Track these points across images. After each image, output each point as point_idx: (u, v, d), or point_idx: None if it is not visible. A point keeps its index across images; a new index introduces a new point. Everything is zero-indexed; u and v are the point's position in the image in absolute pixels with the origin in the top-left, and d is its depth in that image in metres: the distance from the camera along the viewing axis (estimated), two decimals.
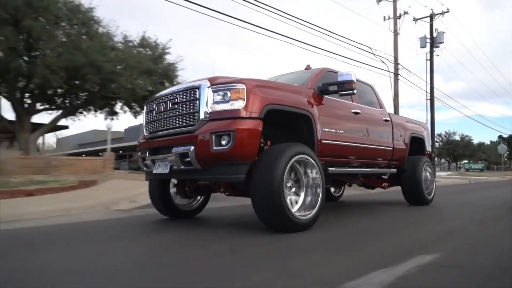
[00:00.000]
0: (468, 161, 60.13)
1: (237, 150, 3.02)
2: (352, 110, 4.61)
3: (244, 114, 3.11)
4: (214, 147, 3.06)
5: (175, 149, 3.27)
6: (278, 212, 3.05)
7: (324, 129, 3.96)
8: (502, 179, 22.24)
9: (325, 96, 4.16)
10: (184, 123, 3.35)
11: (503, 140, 69.21)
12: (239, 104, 3.13)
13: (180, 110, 3.41)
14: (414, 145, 6.16)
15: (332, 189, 6.80)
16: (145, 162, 3.77)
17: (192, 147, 3.12)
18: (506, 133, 61.28)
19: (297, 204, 3.34)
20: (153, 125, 3.76)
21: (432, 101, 20.86)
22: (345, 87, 3.99)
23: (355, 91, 4.11)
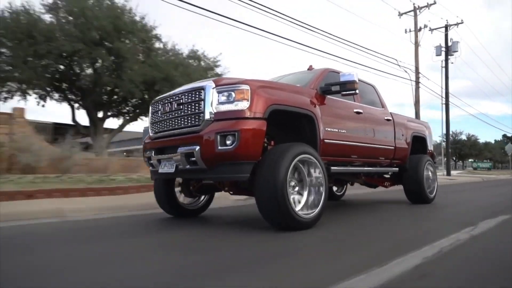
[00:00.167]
0: (474, 160, 60.24)
1: (241, 150, 3.08)
2: (354, 110, 4.66)
3: (248, 114, 3.17)
4: (219, 147, 3.11)
5: (180, 149, 3.33)
6: (281, 211, 3.10)
7: (326, 128, 4.01)
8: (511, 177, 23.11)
9: (328, 96, 4.21)
10: (190, 124, 3.40)
11: (507, 139, 69.12)
12: (243, 105, 3.18)
13: (186, 111, 3.46)
14: (416, 144, 6.20)
15: (335, 188, 6.86)
16: (151, 162, 3.84)
17: (198, 147, 3.18)
18: (509, 132, 61.20)
19: (301, 203, 3.39)
20: (159, 126, 3.82)
21: (447, 105, 22.26)
22: (347, 87, 4.04)
23: (357, 91, 4.16)
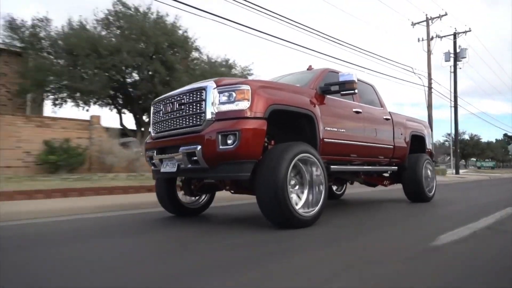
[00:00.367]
0: (476, 159, 60.52)
1: (242, 149, 3.12)
2: (354, 110, 4.71)
3: (249, 114, 3.21)
4: (220, 146, 3.16)
5: (182, 148, 3.37)
6: (282, 209, 3.15)
7: (326, 128, 4.06)
8: None
9: (327, 96, 4.25)
10: (191, 123, 3.45)
11: (508, 138, 69.37)
12: (244, 105, 3.23)
13: (187, 111, 3.51)
14: (415, 143, 6.25)
15: (334, 187, 6.91)
16: (152, 161, 3.88)
17: (199, 146, 3.22)
18: (510, 131, 61.41)
19: (301, 201, 3.44)
20: (160, 125, 3.86)
21: (456, 108, 23.92)
22: (347, 87, 4.08)
23: (356, 91, 4.21)
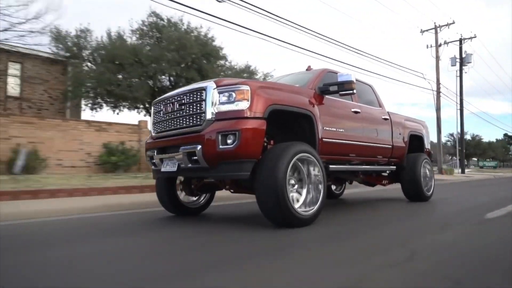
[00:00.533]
0: (478, 159, 60.83)
1: (242, 149, 3.15)
2: (352, 110, 4.75)
3: (248, 114, 3.24)
4: (220, 146, 3.19)
5: (182, 148, 3.40)
6: (281, 208, 3.18)
7: (325, 128, 4.09)
8: None
9: (326, 96, 4.29)
10: (191, 123, 3.48)
11: (508, 138, 69.60)
12: (243, 105, 3.26)
13: (187, 111, 3.54)
14: (413, 143, 6.30)
15: (333, 187, 6.95)
16: (153, 161, 3.91)
17: (199, 146, 3.26)
18: (510, 131, 61.59)
19: (300, 200, 3.47)
20: (161, 125, 3.90)
21: (462, 111, 25.25)
22: (345, 87, 4.12)
23: (354, 91, 4.24)
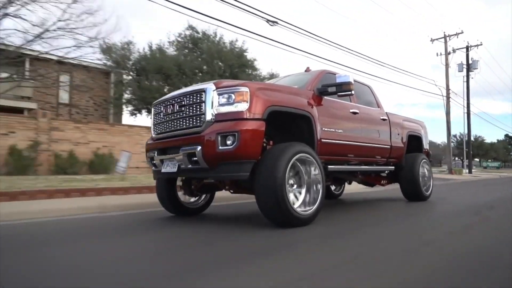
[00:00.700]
0: (480, 159, 61.23)
1: (241, 149, 3.19)
2: (351, 110, 4.79)
3: (247, 115, 3.28)
4: (220, 147, 3.23)
5: (183, 149, 3.44)
6: (280, 208, 3.22)
7: (323, 128, 4.13)
8: None
9: (325, 97, 4.33)
10: (191, 125, 3.52)
11: (509, 139, 69.91)
12: (243, 106, 3.30)
13: (187, 112, 3.58)
14: (412, 143, 6.33)
15: (333, 187, 6.99)
16: (153, 162, 3.95)
17: (199, 147, 3.29)
18: (510, 131, 62.00)
19: (299, 200, 3.51)
20: (161, 127, 3.93)
21: (469, 114, 26.77)
22: (343, 88, 4.16)
23: (353, 92, 4.28)
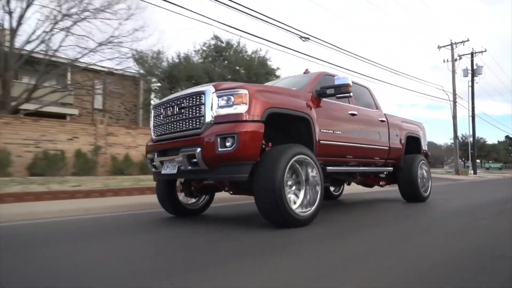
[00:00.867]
0: (481, 161, 61.72)
1: (240, 151, 3.23)
2: (349, 112, 4.82)
3: (246, 117, 3.31)
4: (219, 149, 3.26)
5: (182, 150, 3.47)
6: (279, 209, 3.25)
7: (322, 130, 4.17)
8: None
9: (323, 99, 4.36)
10: (191, 126, 3.55)
11: (510, 140, 70.29)
12: (242, 108, 3.33)
13: (187, 114, 3.61)
14: (410, 144, 6.37)
15: (332, 188, 7.02)
16: (153, 163, 3.98)
17: (199, 148, 3.33)
18: (511, 132, 62.38)
19: (297, 201, 3.53)
20: (161, 128, 3.97)
21: (473, 118, 27.81)
22: (342, 90, 4.20)
23: (351, 94, 4.31)
